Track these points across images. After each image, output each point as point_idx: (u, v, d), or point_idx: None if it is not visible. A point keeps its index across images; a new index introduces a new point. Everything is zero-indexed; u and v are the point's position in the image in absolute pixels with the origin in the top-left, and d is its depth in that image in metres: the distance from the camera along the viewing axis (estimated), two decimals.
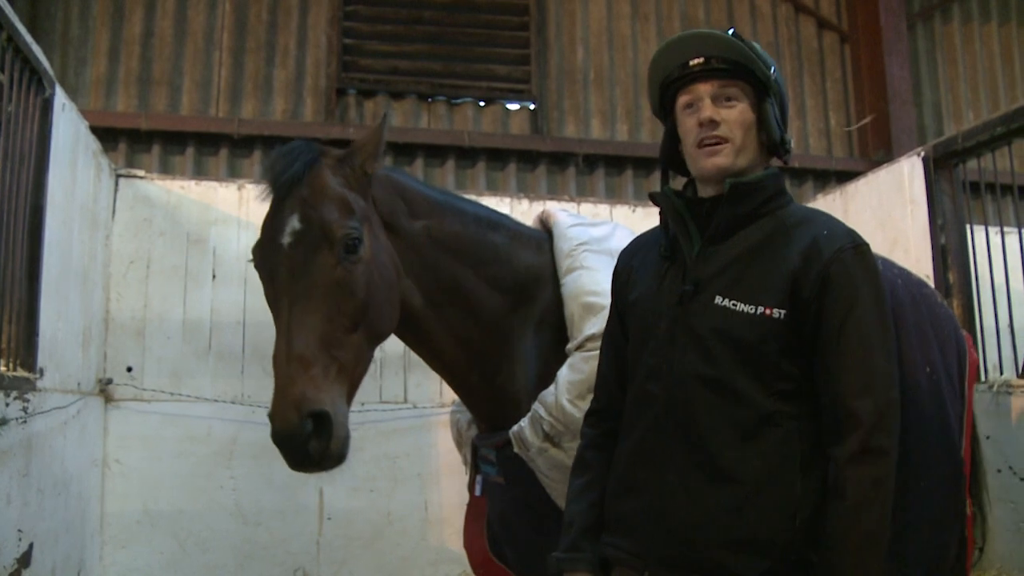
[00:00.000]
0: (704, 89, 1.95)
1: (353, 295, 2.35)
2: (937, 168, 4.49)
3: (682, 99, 2.00)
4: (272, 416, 2.17)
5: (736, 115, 1.93)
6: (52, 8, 6.55)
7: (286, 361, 2.23)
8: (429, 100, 7.10)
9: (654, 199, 2.08)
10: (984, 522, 3.75)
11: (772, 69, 1.96)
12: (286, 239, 2.37)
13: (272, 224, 2.43)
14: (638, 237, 2.29)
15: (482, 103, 7.19)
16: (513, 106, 7.24)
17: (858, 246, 1.88)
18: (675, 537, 1.85)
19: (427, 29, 7.12)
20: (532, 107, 7.24)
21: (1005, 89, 8.22)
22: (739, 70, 1.94)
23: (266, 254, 2.42)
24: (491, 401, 2.84)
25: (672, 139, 2.08)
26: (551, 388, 2.65)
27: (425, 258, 2.66)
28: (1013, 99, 7.89)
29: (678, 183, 2.14)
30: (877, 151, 7.46)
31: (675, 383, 1.90)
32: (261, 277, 2.45)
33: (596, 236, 2.88)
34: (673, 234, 2.05)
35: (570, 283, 2.78)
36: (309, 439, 2.16)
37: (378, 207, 2.58)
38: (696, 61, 1.96)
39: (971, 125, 4.36)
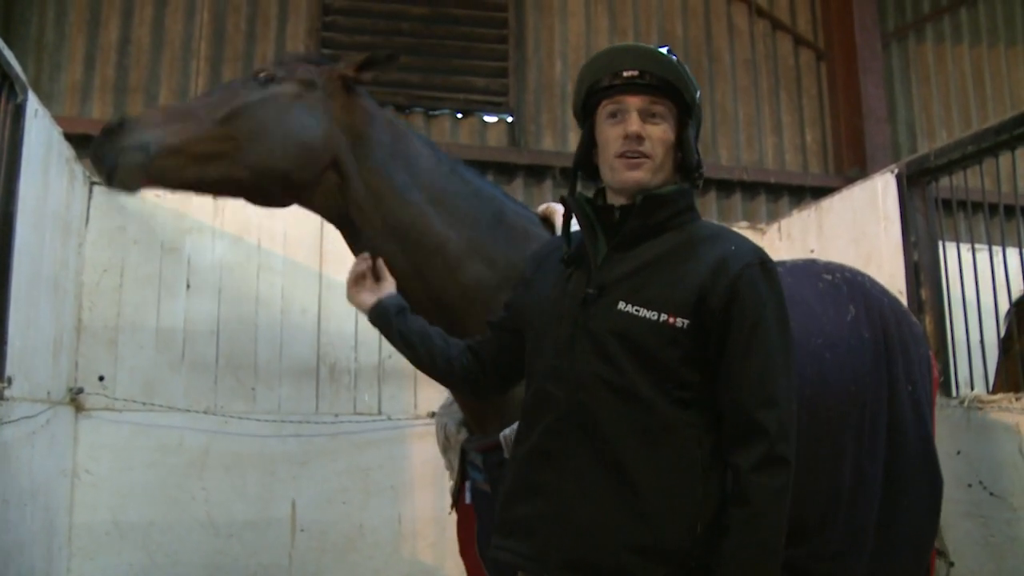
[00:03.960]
0: (632, 102, 1.97)
1: (236, 99, 2.64)
2: (910, 185, 4.54)
3: (607, 107, 2.00)
4: None
5: (660, 133, 1.96)
6: (27, 13, 6.50)
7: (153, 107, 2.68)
8: (407, 111, 7.09)
9: (564, 203, 2.10)
10: (941, 534, 3.79)
11: (698, 93, 2.01)
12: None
13: None
14: (548, 241, 2.33)
15: (460, 115, 7.20)
16: (491, 118, 7.25)
17: (764, 263, 1.92)
18: (574, 541, 1.85)
19: (406, 41, 7.11)
20: (510, 120, 7.26)
21: (976, 109, 8.34)
22: (668, 89, 1.96)
23: None
24: None
25: (588, 144, 2.09)
26: None
27: (394, 185, 2.76)
28: (984, 118, 7.99)
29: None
30: (852, 168, 7.53)
31: (576, 385, 1.90)
32: None
33: None
34: (580, 239, 2.07)
35: None
36: (107, 132, 2.45)
37: (346, 114, 2.76)
38: (630, 73, 1.97)
39: (944, 143, 4.41)
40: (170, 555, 4.49)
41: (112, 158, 2.43)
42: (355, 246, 2.78)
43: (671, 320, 1.85)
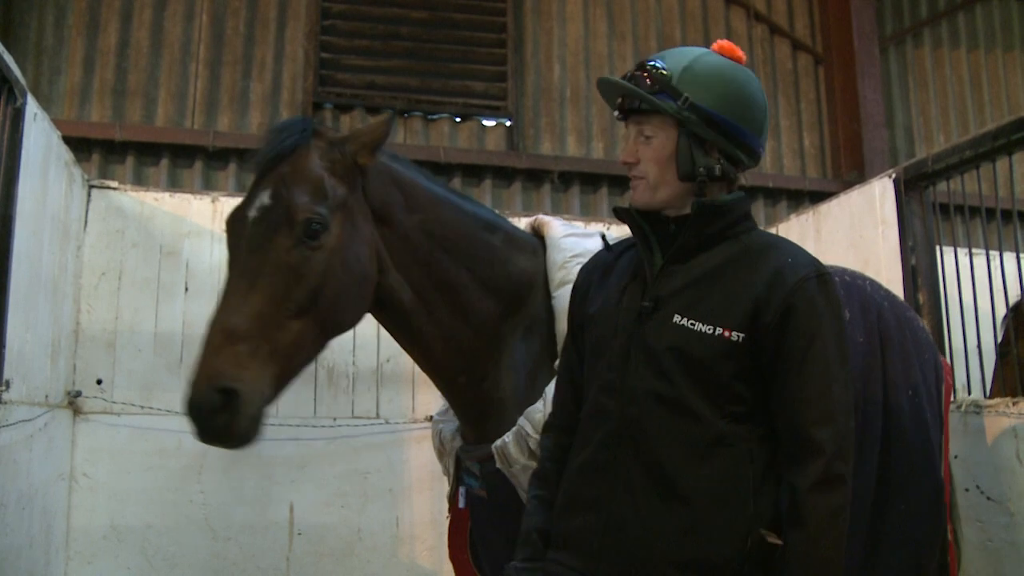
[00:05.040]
0: (630, 128, 2.02)
1: (304, 281, 2.30)
2: (908, 190, 4.54)
3: None
4: (189, 384, 2.16)
5: (650, 152, 1.97)
6: (26, 16, 6.51)
7: (216, 332, 2.20)
8: (405, 115, 7.10)
9: (619, 215, 2.09)
10: (959, 547, 3.78)
11: (682, 99, 1.93)
12: (252, 213, 2.35)
13: (247, 197, 2.42)
14: (598, 253, 2.30)
15: (458, 119, 7.21)
16: (489, 122, 7.26)
17: (822, 275, 1.89)
18: (624, 555, 1.85)
19: (404, 45, 7.14)
20: (508, 124, 7.27)
21: (974, 113, 8.36)
22: (652, 105, 1.95)
23: (234, 226, 2.41)
24: (476, 406, 2.79)
25: None
26: (539, 404, 2.60)
27: (418, 253, 2.63)
28: (982, 123, 8.01)
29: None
30: (850, 172, 7.54)
31: (628, 399, 1.90)
32: (228, 248, 2.45)
33: (590, 248, 2.79)
34: (636, 251, 2.07)
35: (562, 297, 2.70)
36: (215, 413, 2.12)
37: (369, 198, 2.54)
38: (617, 104, 2.03)
39: (941, 148, 4.42)
40: (168, 558, 4.49)
41: (237, 440, 2.19)
42: (409, 343, 2.76)
43: (727, 334, 1.84)
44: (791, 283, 1.84)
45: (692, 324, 1.87)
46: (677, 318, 1.89)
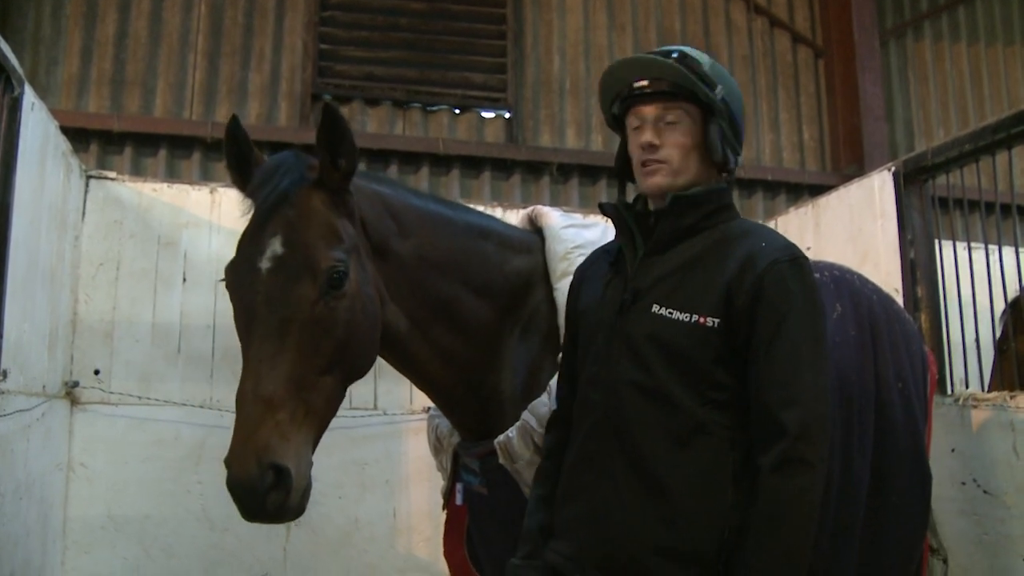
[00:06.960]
0: (648, 111, 2.01)
1: (331, 334, 2.16)
2: (907, 183, 4.53)
3: (631, 118, 2.06)
4: (229, 462, 2.02)
5: (676, 138, 1.99)
6: (23, 6, 6.49)
7: (252, 402, 2.06)
8: (404, 107, 7.10)
9: (603, 210, 2.14)
10: (936, 532, 3.79)
11: (718, 89, 2.00)
12: (265, 264, 2.16)
13: (252, 244, 2.22)
14: (596, 250, 2.34)
15: (457, 111, 7.21)
16: (488, 114, 7.26)
17: (795, 259, 1.92)
18: (607, 543, 1.88)
19: (404, 36, 7.13)
20: (507, 115, 7.27)
21: (974, 107, 8.36)
22: (683, 92, 1.98)
23: (241, 277, 2.21)
24: (475, 412, 2.76)
25: (625, 153, 2.16)
26: (543, 398, 2.58)
27: (413, 279, 2.54)
28: (982, 117, 8.00)
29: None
30: (849, 165, 7.54)
31: (611, 390, 1.94)
32: (232, 300, 2.25)
33: (590, 239, 2.82)
34: (620, 245, 2.11)
35: (564, 288, 2.66)
36: (268, 492, 2.02)
37: (368, 231, 2.41)
38: (640, 83, 2.02)
39: (941, 142, 4.41)
40: (165, 549, 4.49)
41: (289, 516, 2.17)
42: (405, 367, 2.68)
43: (702, 320, 1.87)
44: (762, 266, 1.88)
45: (670, 313, 1.90)
46: (656, 308, 1.92)
